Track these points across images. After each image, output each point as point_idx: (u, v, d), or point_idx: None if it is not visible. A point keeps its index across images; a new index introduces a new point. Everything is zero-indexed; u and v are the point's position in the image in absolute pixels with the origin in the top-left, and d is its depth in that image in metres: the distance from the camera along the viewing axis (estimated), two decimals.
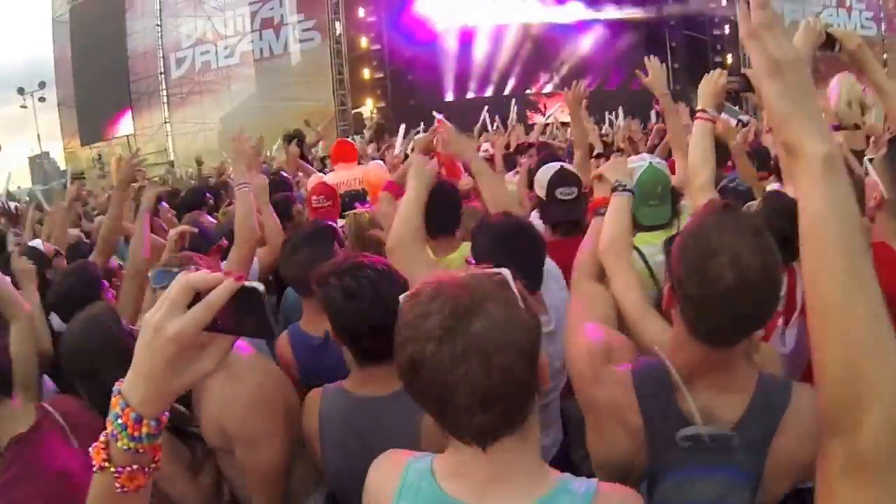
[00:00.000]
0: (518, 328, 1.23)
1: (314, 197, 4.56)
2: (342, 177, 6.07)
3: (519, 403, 1.27)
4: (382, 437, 1.94)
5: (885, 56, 21.69)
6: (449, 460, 1.36)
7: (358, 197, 4.98)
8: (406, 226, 2.62)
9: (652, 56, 3.96)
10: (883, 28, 22.29)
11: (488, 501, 1.29)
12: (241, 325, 1.09)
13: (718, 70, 3.06)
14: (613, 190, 2.47)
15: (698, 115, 2.96)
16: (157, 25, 20.89)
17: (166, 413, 1.08)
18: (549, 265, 2.66)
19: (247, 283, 1.08)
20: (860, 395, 1.04)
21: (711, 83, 3.00)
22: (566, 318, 2.35)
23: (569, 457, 2.64)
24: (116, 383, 1.07)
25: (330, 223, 3.38)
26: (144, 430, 1.04)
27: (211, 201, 6.16)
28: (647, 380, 1.67)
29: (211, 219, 4.31)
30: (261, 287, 1.08)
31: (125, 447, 1.04)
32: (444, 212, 3.00)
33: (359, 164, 6.72)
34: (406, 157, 6.01)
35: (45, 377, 2.85)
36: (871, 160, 2.48)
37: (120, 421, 1.04)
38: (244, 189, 3.40)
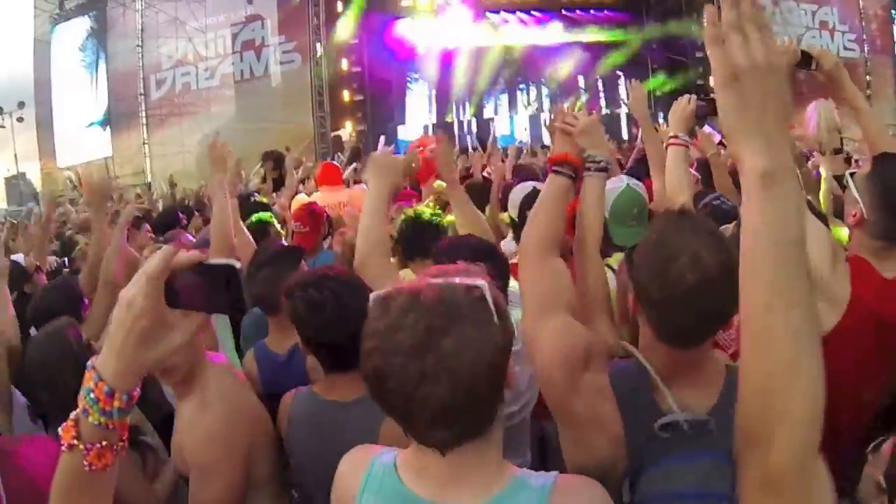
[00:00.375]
0: (489, 349, 1.24)
1: (294, 223, 4.64)
2: (327, 199, 6.11)
3: (482, 419, 1.30)
4: (343, 439, 1.96)
5: (868, 77, 21.92)
6: (411, 457, 1.40)
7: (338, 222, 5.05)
8: (367, 240, 2.50)
9: (633, 80, 4.10)
10: (866, 50, 22.43)
11: (446, 498, 1.32)
12: (209, 303, 1.16)
13: (688, 95, 3.11)
14: (586, 168, 2.22)
15: (671, 140, 2.98)
16: (138, 46, 20.81)
17: (137, 389, 1.12)
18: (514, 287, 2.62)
19: (215, 261, 1.15)
20: (772, 413, 1.05)
21: (681, 109, 3.04)
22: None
23: None
24: (91, 359, 1.12)
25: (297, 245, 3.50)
26: (116, 404, 1.08)
27: (185, 221, 6.13)
28: (624, 380, 1.67)
29: (190, 237, 4.33)
30: (236, 264, 1.14)
31: (95, 422, 1.08)
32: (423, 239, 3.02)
33: (347, 186, 6.77)
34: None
35: (17, 392, 2.87)
36: (852, 175, 2.49)
37: (92, 395, 1.08)
38: (221, 195, 3.43)
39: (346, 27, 19.45)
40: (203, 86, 20.23)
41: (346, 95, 19.62)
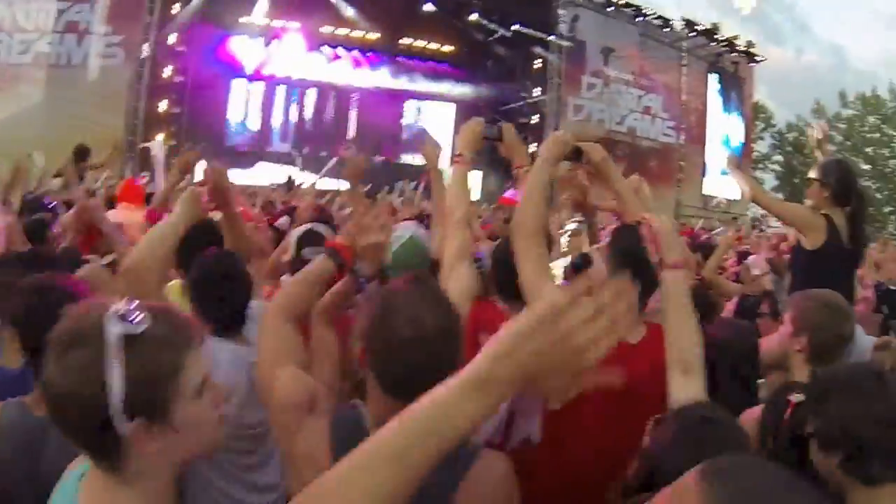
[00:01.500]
0: (81, 382, 1.27)
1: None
2: (123, 217, 5.95)
3: (99, 453, 1.36)
4: (43, 457, 2.01)
5: (681, 163, 24.48)
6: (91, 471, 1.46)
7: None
8: (150, 250, 2.51)
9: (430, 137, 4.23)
10: (682, 138, 24.73)
11: None
12: None
13: (476, 118, 3.19)
14: (350, 270, 2.26)
15: (455, 159, 3.04)
16: None
17: None
18: (257, 307, 2.82)
19: None
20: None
21: (469, 130, 3.10)
22: None
23: None
24: None
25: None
26: None
27: None
28: (342, 428, 1.78)
29: None
30: None
31: None
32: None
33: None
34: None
35: None
36: (597, 249, 2.71)
37: None
38: None
39: (175, 32, 18.71)
40: (14, 60, 18.14)
41: (163, 105, 18.51)
